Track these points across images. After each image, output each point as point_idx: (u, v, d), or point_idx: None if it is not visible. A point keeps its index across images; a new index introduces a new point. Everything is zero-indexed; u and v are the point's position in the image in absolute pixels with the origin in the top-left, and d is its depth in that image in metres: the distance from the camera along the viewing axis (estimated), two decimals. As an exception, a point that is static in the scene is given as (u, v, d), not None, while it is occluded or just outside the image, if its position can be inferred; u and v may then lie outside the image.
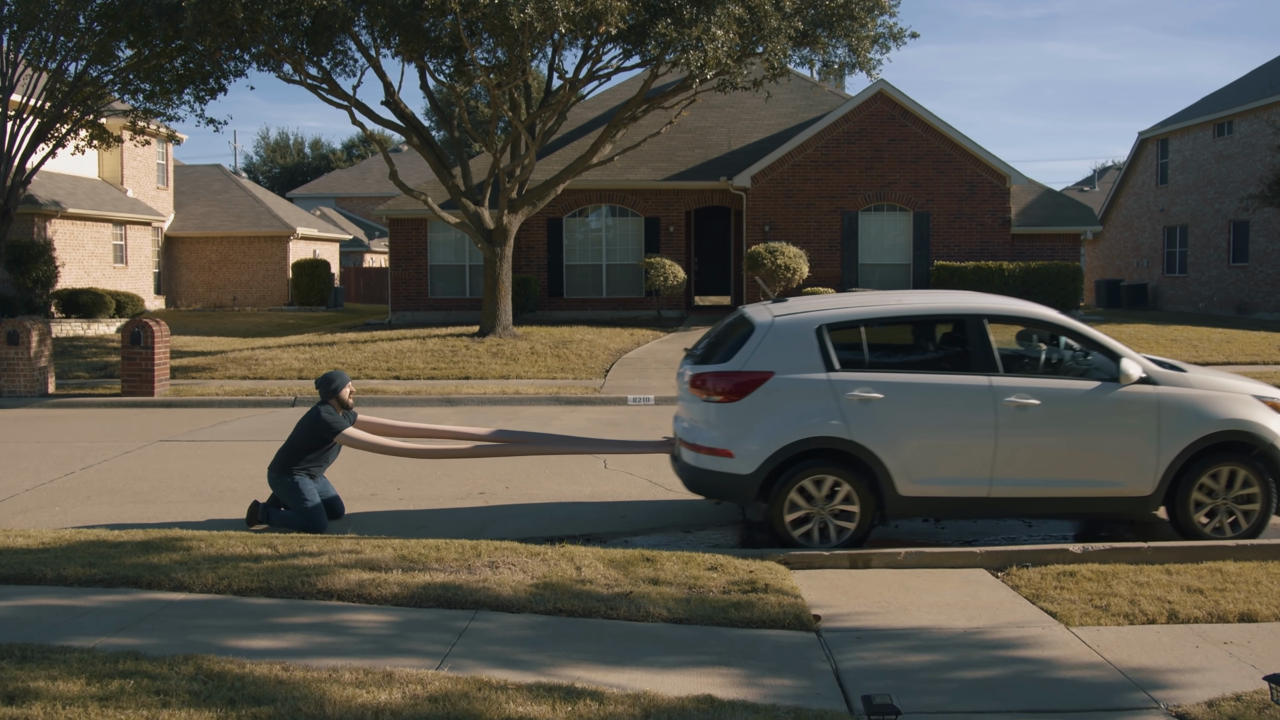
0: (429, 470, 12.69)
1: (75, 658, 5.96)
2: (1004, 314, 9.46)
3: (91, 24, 25.37)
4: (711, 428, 9.23)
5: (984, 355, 9.20)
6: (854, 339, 9.27)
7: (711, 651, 6.60)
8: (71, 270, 35.32)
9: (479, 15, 20.41)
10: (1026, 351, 9.95)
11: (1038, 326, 9.68)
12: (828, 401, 8.95)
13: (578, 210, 32.33)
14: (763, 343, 9.16)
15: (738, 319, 9.94)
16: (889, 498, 9.01)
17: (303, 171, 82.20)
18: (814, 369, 9.05)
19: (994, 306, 9.49)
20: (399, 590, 7.48)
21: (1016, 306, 9.62)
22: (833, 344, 9.13)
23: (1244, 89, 39.47)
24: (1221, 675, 6.26)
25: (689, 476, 9.55)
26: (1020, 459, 9.04)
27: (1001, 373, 9.14)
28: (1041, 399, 9.04)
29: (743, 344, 9.25)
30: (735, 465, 9.05)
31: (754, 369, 9.08)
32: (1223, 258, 38.56)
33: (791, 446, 8.94)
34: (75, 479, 12.44)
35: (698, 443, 9.33)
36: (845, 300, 9.71)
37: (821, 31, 24.01)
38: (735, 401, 9.06)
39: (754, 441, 8.99)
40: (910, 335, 9.86)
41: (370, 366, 22.38)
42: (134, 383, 19.43)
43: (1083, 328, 9.42)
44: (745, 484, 9.05)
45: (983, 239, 30.68)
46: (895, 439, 8.94)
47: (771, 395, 9.02)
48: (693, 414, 9.59)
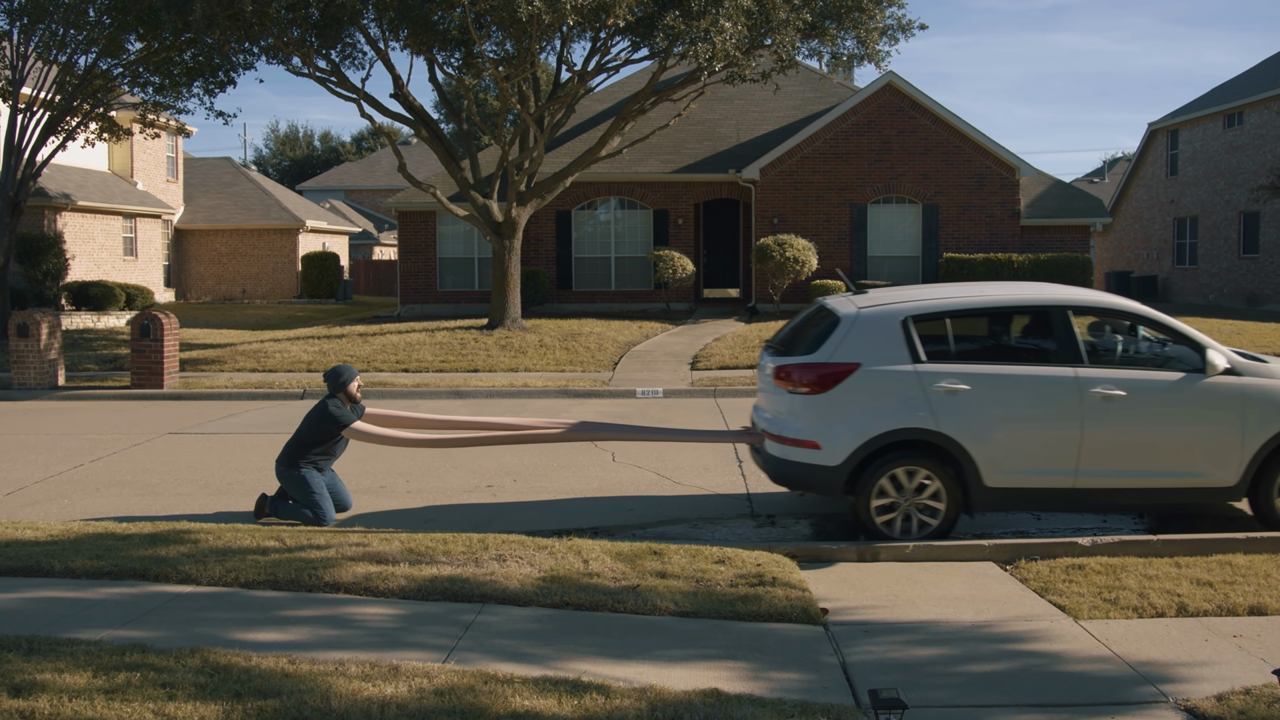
0: (437, 463, 12.70)
1: (82, 650, 5.96)
2: (1088, 305, 9.47)
3: (101, 17, 25.37)
4: (797, 419, 9.23)
5: (1069, 346, 9.18)
6: (938, 330, 9.28)
7: (718, 645, 6.59)
8: (81, 263, 35.39)
9: (487, 8, 20.38)
10: (1102, 342, 9.91)
11: (1123, 318, 9.67)
12: (914, 393, 8.95)
13: (586, 203, 32.31)
14: (849, 334, 9.15)
15: (819, 310, 9.95)
16: (975, 489, 9.01)
17: (312, 164, 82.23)
18: (900, 361, 9.05)
19: (1078, 297, 9.48)
20: (406, 583, 7.48)
21: (1101, 298, 9.64)
22: (918, 335, 9.13)
23: (1254, 79, 39.29)
24: (1230, 669, 6.23)
25: (774, 468, 9.55)
26: (1105, 450, 9.04)
27: (1087, 364, 9.13)
28: (1127, 390, 9.04)
29: (828, 336, 9.25)
30: (822, 457, 9.05)
31: (840, 361, 9.07)
32: (1233, 249, 38.42)
33: (879, 438, 8.93)
34: (84, 471, 12.47)
35: (783, 434, 9.32)
36: (926, 292, 9.70)
37: (830, 23, 23.94)
38: (822, 393, 9.06)
39: (842, 433, 8.99)
40: (994, 327, 9.84)
41: (379, 359, 22.41)
42: (143, 375, 19.47)
43: (1167, 319, 9.43)
44: (832, 476, 9.05)
45: (992, 231, 30.60)
46: (982, 430, 8.95)
47: (858, 387, 9.03)
48: (777, 405, 9.59)
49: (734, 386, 19.16)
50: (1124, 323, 9.90)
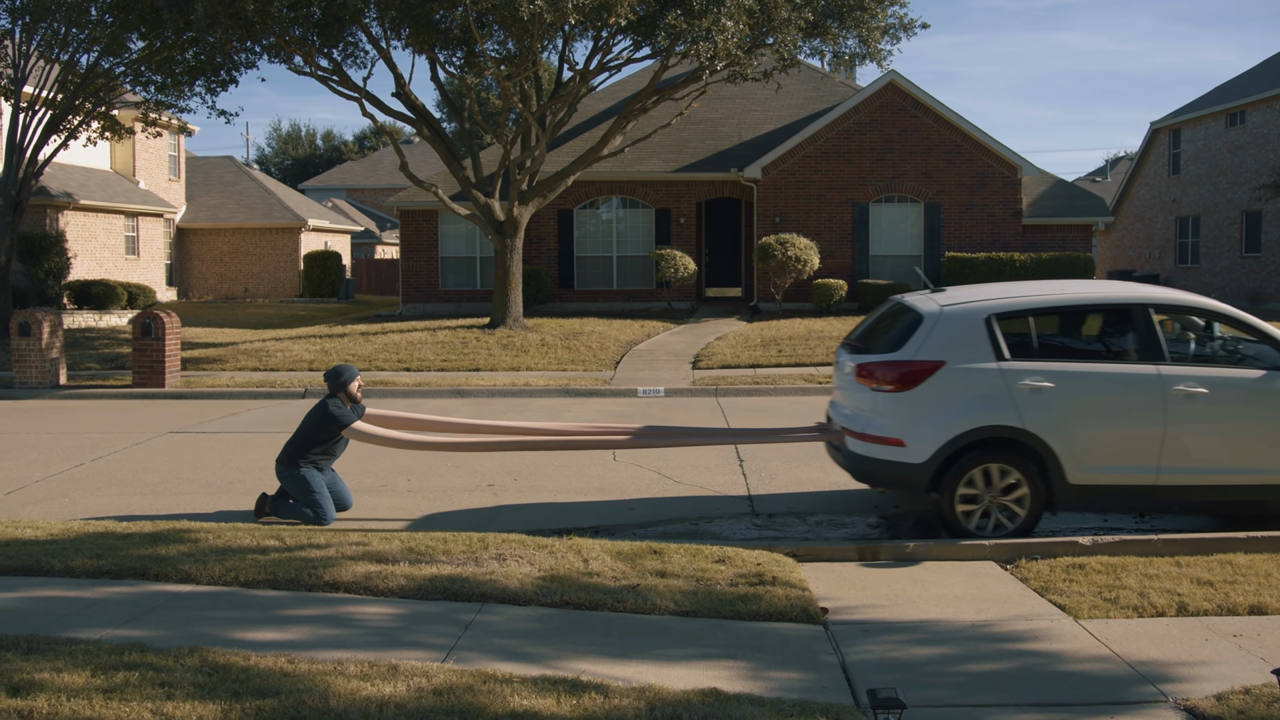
0: (439, 462, 12.70)
1: (81, 650, 5.97)
2: (1170, 303, 9.48)
3: (103, 16, 25.38)
4: (880, 416, 9.25)
5: (1151, 344, 9.20)
6: (1021, 328, 9.31)
7: (718, 644, 6.59)
8: (83, 261, 35.41)
9: (489, 7, 20.38)
10: (1181, 340, 9.92)
11: (1204, 315, 9.67)
12: (999, 390, 8.97)
13: (588, 202, 32.31)
14: (933, 332, 9.17)
15: (898, 307, 9.99)
16: (1058, 486, 9.01)
17: (314, 163, 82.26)
18: (984, 358, 9.07)
19: (1160, 296, 9.50)
20: (406, 583, 7.48)
21: (1182, 296, 9.66)
22: (1001, 333, 9.16)
23: (1256, 78, 39.25)
24: (1230, 668, 6.22)
25: (856, 465, 9.58)
26: (1187, 447, 9.06)
27: (1169, 361, 9.15)
28: (1209, 387, 9.04)
29: (911, 333, 9.27)
30: (907, 454, 9.06)
31: (925, 358, 9.09)
32: (1235, 248, 38.38)
33: (965, 435, 8.95)
34: (85, 470, 12.47)
35: (866, 431, 9.34)
36: (1005, 290, 9.72)
37: (832, 22, 23.92)
38: (907, 391, 9.09)
39: (927, 430, 9.01)
40: (1076, 324, 9.85)
41: (381, 358, 22.41)
42: (145, 374, 19.48)
43: (1250, 318, 9.43)
44: (916, 473, 9.07)
45: (994, 230, 30.58)
46: (1066, 427, 8.96)
47: (943, 384, 9.05)
48: (858, 403, 9.61)
49: (736, 385, 19.15)
50: (1200, 320, 9.94)
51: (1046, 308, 9.43)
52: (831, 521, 10.10)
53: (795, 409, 17.03)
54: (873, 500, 10.79)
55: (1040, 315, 9.39)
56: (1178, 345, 9.65)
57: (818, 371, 20.52)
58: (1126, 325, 9.37)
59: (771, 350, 22.54)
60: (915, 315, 9.42)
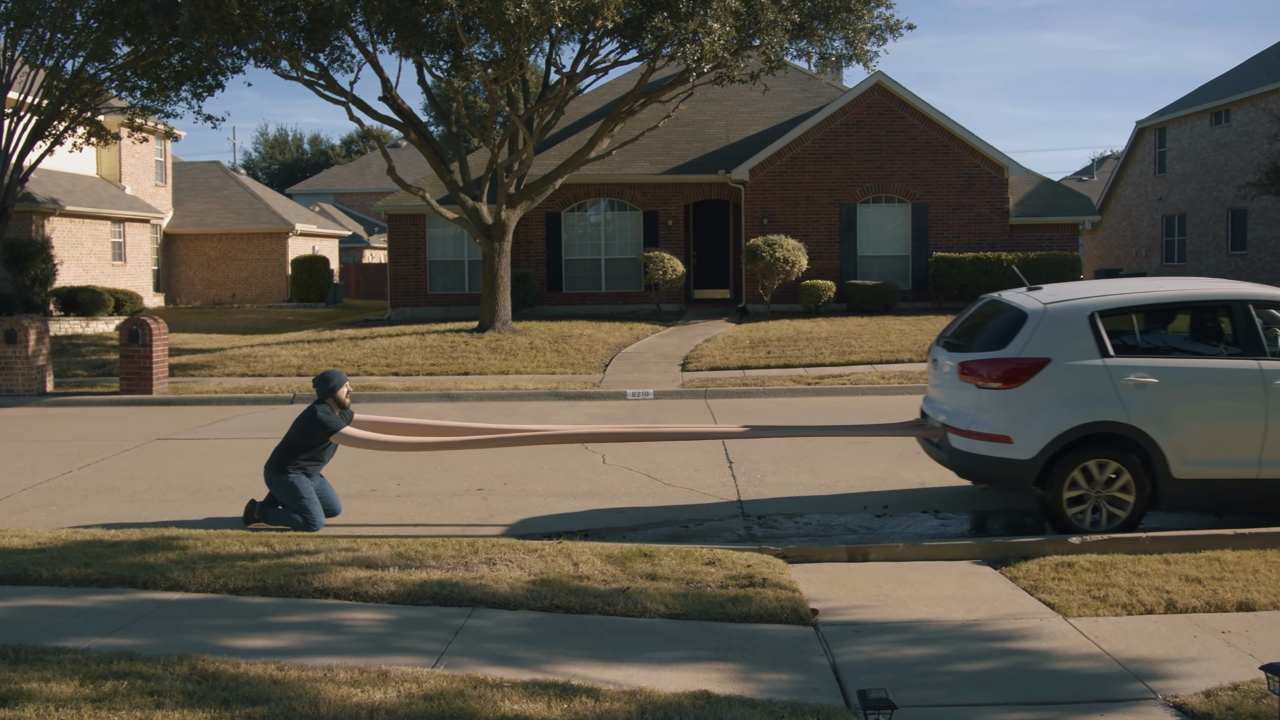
0: (428, 466, 12.68)
1: (69, 659, 5.94)
2: (1270, 299, 9.54)
3: (88, 21, 25.34)
4: (986, 413, 9.35)
5: (1251, 340, 9.29)
6: (1124, 325, 9.42)
7: (708, 647, 6.59)
8: (70, 268, 35.29)
9: (475, 10, 20.38)
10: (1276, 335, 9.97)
11: None
12: (1105, 387, 9.06)
13: (576, 205, 32.30)
14: (1038, 330, 9.26)
15: (995, 305, 10.09)
16: (1163, 480, 9.11)
17: (301, 168, 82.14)
18: (1089, 355, 9.16)
19: (1260, 292, 9.58)
20: (395, 588, 7.47)
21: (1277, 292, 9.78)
22: (1105, 330, 9.24)
23: (1241, 77, 39.41)
24: (1219, 665, 6.24)
25: (960, 462, 9.67)
26: None
27: (1269, 356, 9.23)
28: None
29: (1016, 331, 9.36)
30: (1014, 450, 9.16)
31: (1031, 355, 9.19)
32: (1221, 246, 38.52)
33: (1072, 431, 9.05)
34: (72, 478, 12.43)
35: (971, 429, 9.43)
36: (1105, 287, 9.81)
37: (818, 24, 23.95)
38: (1013, 388, 9.18)
39: (1034, 427, 9.09)
40: (1176, 321, 9.93)
41: (369, 363, 22.37)
42: (132, 381, 19.42)
43: None
44: (1024, 469, 9.16)
45: (981, 230, 30.65)
46: (1170, 423, 9.05)
47: (1050, 381, 9.14)
48: (961, 400, 9.70)
49: (725, 387, 19.16)
50: None
51: (1147, 305, 9.54)
52: (822, 523, 10.11)
53: (785, 410, 17.05)
54: (863, 501, 10.81)
55: (1141, 312, 9.54)
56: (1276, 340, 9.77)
57: (806, 373, 20.54)
58: (1227, 321, 9.51)
59: (760, 352, 22.55)
60: (1018, 313, 9.54)
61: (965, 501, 10.76)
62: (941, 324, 25.42)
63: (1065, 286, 10.07)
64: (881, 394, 18.60)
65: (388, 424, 10.84)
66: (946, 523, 10.09)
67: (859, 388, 18.88)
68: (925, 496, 10.98)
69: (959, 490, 11.18)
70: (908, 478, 11.77)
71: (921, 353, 21.93)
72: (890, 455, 12.87)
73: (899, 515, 10.32)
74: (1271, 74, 36.65)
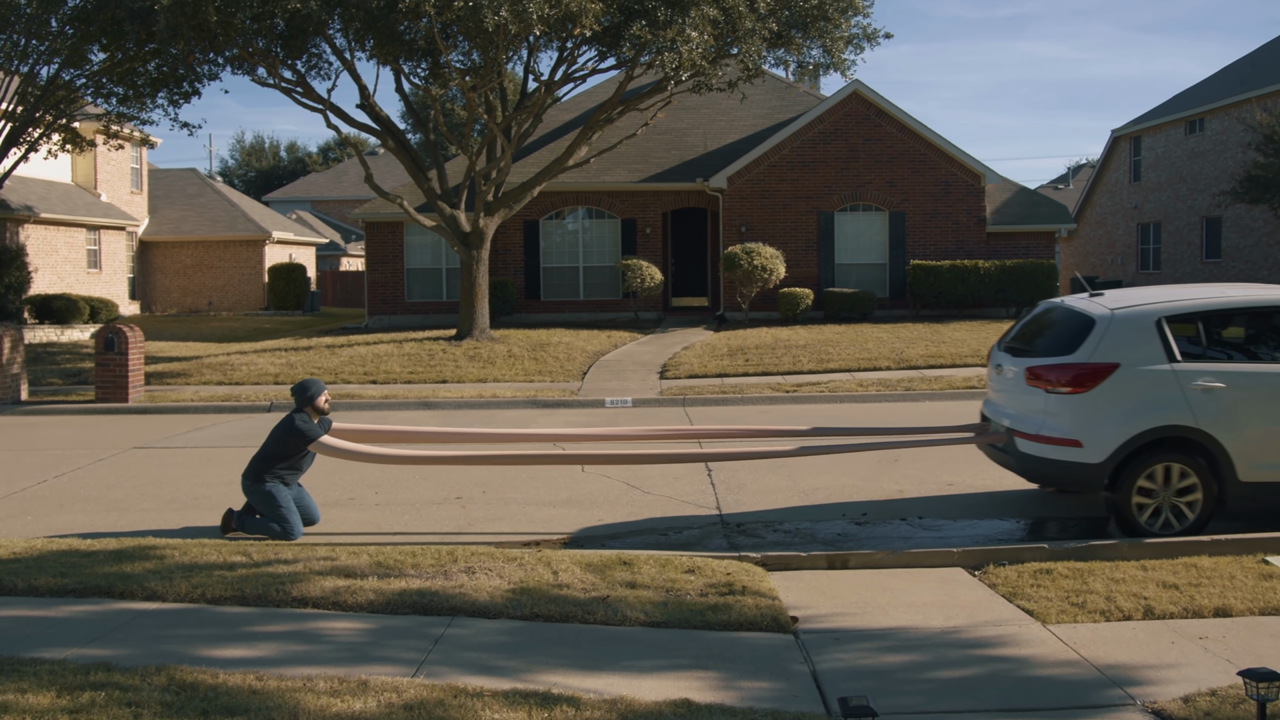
0: (407, 474, 12.64)
1: (46, 670, 5.90)
2: None
3: (63, 27, 25.18)
4: (1054, 418, 9.42)
5: None
6: (1189, 330, 9.48)
7: (689, 655, 6.59)
8: (45, 275, 35.08)
9: (454, 18, 20.35)
10: None
11: None
12: (1173, 391, 9.16)
13: (554, 212, 32.28)
14: (1106, 335, 9.37)
15: (1058, 311, 10.20)
16: (1229, 484, 9.19)
17: (278, 175, 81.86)
18: (1157, 360, 9.26)
19: None
20: (375, 597, 7.44)
21: None
22: (1172, 335, 9.33)
23: (1215, 86, 39.72)
24: (1197, 671, 6.27)
25: (1028, 466, 9.77)
26: None
27: None
28: None
29: (1084, 336, 9.46)
30: (1084, 455, 9.23)
31: (1100, 361, 9.29)
32: (1196, 254, 38.79)
33: (1141, 436, 9.13)
34: (48, 487, 12.34)
35: (1040, 433, 9.50)
36: (1170, 293, 9.88)
37: (796, 32, 24.02)
38: (1083, 393, 9.27)
39: (1104, 431, 9.18)
40: (1241, 325, 9.99)
41: (347, 371, 22.30)
42: (108, 389, 19.31)
43: None
44: (1094, 473, 9.24)
45: (958, 238, 30.77)
46: (1237, 426, 9.14)
47: (1119, 386, 9.23)
48: (1027, 404, 9.78)
49: (703, 395, 19.17)
50: None
51: (1213, 310, 9.60)
52: (801, 530, 10.12)
53: (763, 418, 17.07)
54: (842, 509, 10.83)
55: (1206, 317, 9.58)
56: None
57: (785, 380, 20.57)
58: None
59: (739, 360, 22.58)
60: (1085, 319, 9.63)
61: (944, 509, 10.79)
62: (919, 332, 25.52)
63: (1128, 292, 10.20)
64: (860, 401, 18.65)
65: (366, 432, 10.81)
66: (926, 530, 10.10)
67: (837, 395, 18.93)
68: (904, 504, 11.00)
69: (938, 498, 11.21)
70: (886, 485, 11.80)
71: (898, 361, 22.00)
72: (869, 462, 12.90)
73: (878, 523, 10.33)
74: (1245, 83, 36.96)
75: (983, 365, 21.63)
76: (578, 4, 20.04)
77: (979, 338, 24.47)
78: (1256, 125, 33.56)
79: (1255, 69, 38.27)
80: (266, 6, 20.77)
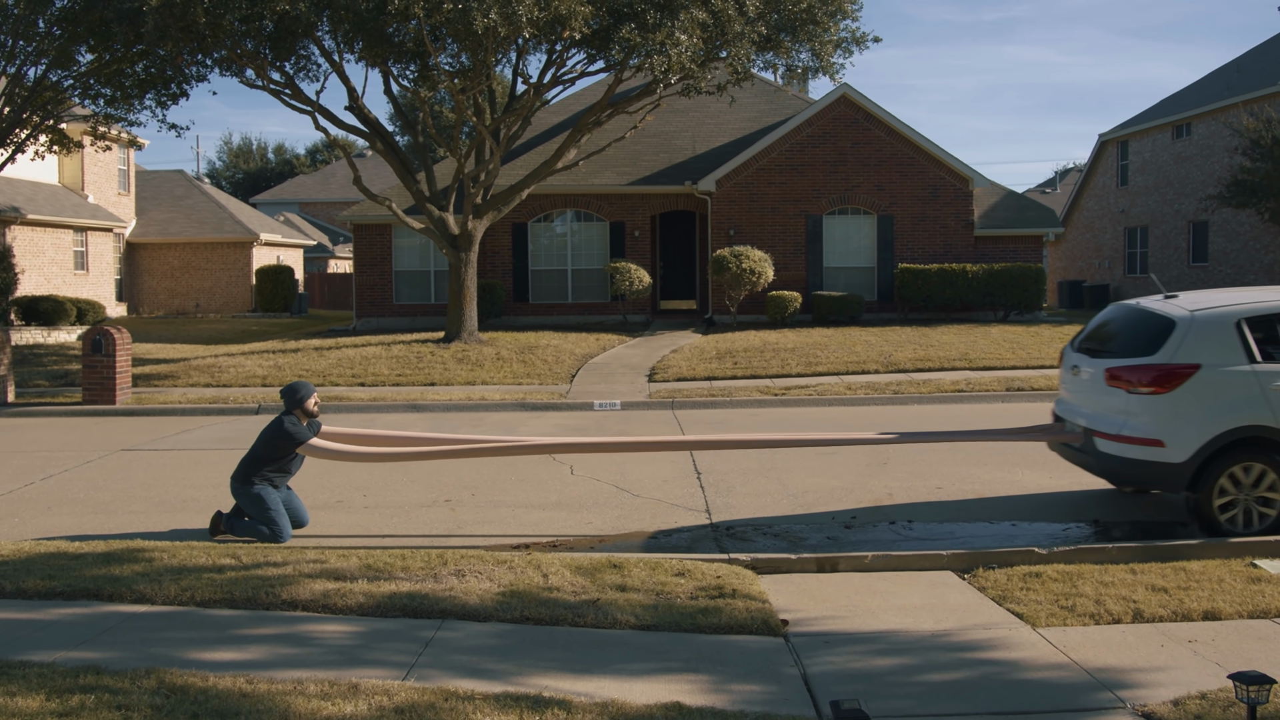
0: (395, 477, 12.62)
1: (34, 673, 5.87)
2: None
3: (51, 28, 25.08)
4: (1136, 418, 9.54)
5: None
6: (1267, 331, 9.54)
7: (679, 658, 6.59)
8: (31, 277, 34.95)
9: (443, 20, 20.34)
10: None
11: None
12: (1253, 391, 9.27)
13: (543, 215, 32.27)
14: (1187, 336, 9.48)
15: (1134, 311, 10.32)
16: None
17: (266, 177, 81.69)
18: (1237, 361, 9.37)
19: None
20: (364, 600, 7.42)
21: None
22: (1251, 336, 9.42)
23: (1202, 91, 39.88)
24: (1187, 674, 6.29)
25: (1109, 466, 9.90)
26: None
27: None
28: None
29: (1164, 338, 9.58)
30: (1166, 454, 9.35)
31: (1182, 362, 9.40)
32: (1183, 258, 38.93)
33: (1223, 436, 9.24)
34: (35, 489, 12.29)
35: (1120, 433, 9.62)
36: (1247, 294, 9.96)
37: (785, 36, 24.06)
38: (1164, 393, 9.39)
39: (1187, 431, 9.29)
40: None
41: (335, 373, 22.25)
42: (95, 391, 19.24)
43: None
44: (1176, 473, 9.36)
45: (946, 241, 30.83)
46: None
47: (1200, 387, 9.34)
48: (1106, 405, 9.88)
49: (692, 398, 19.17)
50: None
51: None
52: (790, 533, 10.12)
53: (752, 421, 17.08)
54: (830, 512, 10.84)
55: None
56: None
57: (773, 384, 20.58)
58: None
59: (727, 363, 22.60)
60: (1165, 320, 9.73)
61: (933, 512, 10.81)
62: (907, 335, 25.57)
63: (1204, 294, 10.31)
64: (848, 405, 18.67)
65: (354, 435, 10.79)
66: (915, 533, 10.12)
67: (825, 398, 18.95)
68: (893, 507, 11.02)
69: (927, 501, 11.23)
70: (875, 488, 11.82)
71: (886, 364, 22.03)
72: (858, 466, 12.92)
73: (867, 526, 10.34)
74: (1231, 88, 37.11)
75: (970, 369, 21.69)
76: (567, 7, 20.04)
77: (966, 341, 24.52)
78: (1243, 130, 33.70)
79: (1242, 74, 38.42)
80: (255, 8, 20.74)
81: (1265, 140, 32.31)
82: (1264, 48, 40.29)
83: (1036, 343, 24.42)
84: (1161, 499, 11.10)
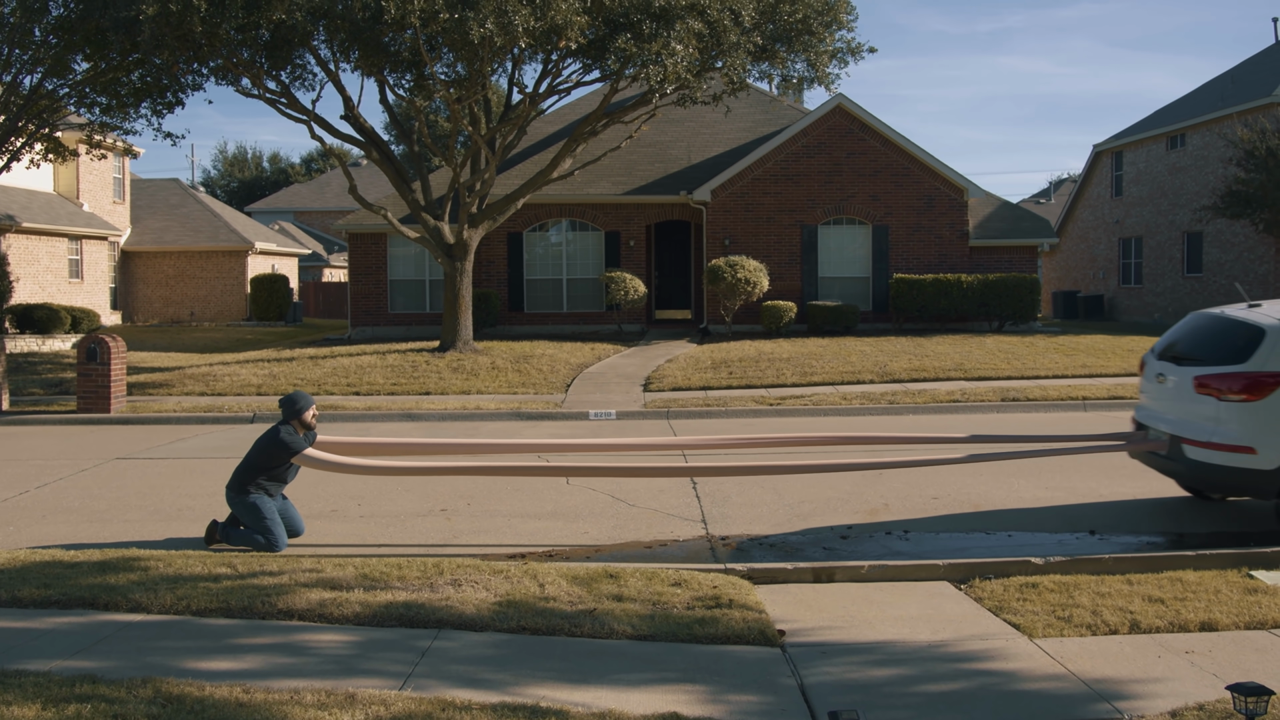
0: (390, 486, 12.60)
1: (30, 682, 5.86)
2: None
3: (47, 37, 25.07)
4: (1226, 425, 9.61)
5: None
6: None
7: (676, 668, 6.58)
8: (26, 285, 34.90)
9: (439, 30, 20.36)
10: None
11: None
12: None
13: (538, 224, 32.29)
14: (1278, 344, 9.54)
15: (1219, 320, 10.40)
16: None
17: (261, 186, 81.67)
18: None
19: None
20: (361, 609, 7.41)
21: None
22: None
23: (1196, 102, 39.99)
24: (1184, 685, 6.29)
25: (1199, 473, 9.97)
26: None
27: None
28: None
29: (1255, 346, 9.65)
30: (1258, 461, 9.42)
31: (1273, 369, 9.48)
32: (1177, 269, 39.00)
33: None
34: (30, 498, 12.26)
35: (1211, 440, 9.68)
36: None
37: (780, 46, 24.11)
38: (1256, 400, 9.46)
39: (1278, 439, 9.35)
40: None
41: (330, 382, 22.23)
42: (90, 399, 19.21)
43: None
44: (1267, 480, 9.45)
45: (941, 251, 30.88)
46: None
47: None
48: (1195, 412, 9.95)
49: (687, 408, 19.17)
50: None
51: None
52: (787, 543, 10.12)
53: (748, 431, 17.08)
54: (827, 523, 10.83)
55: None
56: None
57: (768, 393, 20.59)
58: None
59: (722, 372, 22.60)
60: (1254, 329, 9.81)
61: (930, 523, 10.81)
62: (902, 345, 25.59)
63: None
64: (843, 414, 18.68)
65: (350, 444, 10.77)
66: (911, 543, 10.11)
67: (821, 408, 18.95)
68: (890, 517, 11.01)
69: (924, 512, 11.23)
70: (871, 498, 11.82)
71: (882, 374, 22.05)
72: (854, 476, 12.91)
73: (864, 536, 10.34)
74: (1226, 99, 37.22)
75: (965, 380, 21.71)
76: (563, 17, 20.08)
77: (961, 351, 24.54)
78: (1237, 141, 33.81)
79: (1236, 85, 38.54)
80: (251, 17, 20.74)
81: (1259, 151, 32.42)
82: (1258, 59, 40.43)
83: (1031, 353, 24.45)
84: (1167, 511, 11.11)
